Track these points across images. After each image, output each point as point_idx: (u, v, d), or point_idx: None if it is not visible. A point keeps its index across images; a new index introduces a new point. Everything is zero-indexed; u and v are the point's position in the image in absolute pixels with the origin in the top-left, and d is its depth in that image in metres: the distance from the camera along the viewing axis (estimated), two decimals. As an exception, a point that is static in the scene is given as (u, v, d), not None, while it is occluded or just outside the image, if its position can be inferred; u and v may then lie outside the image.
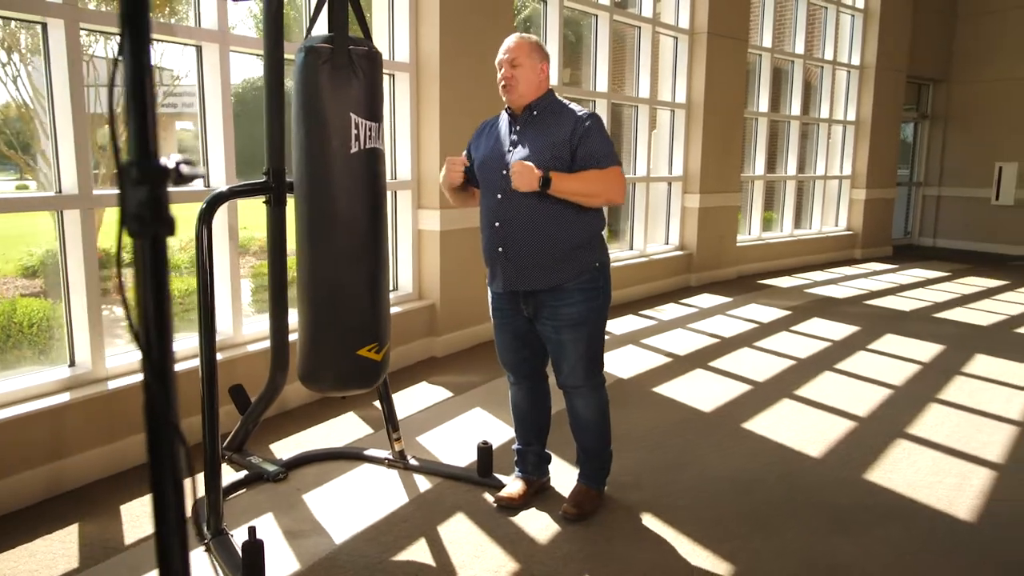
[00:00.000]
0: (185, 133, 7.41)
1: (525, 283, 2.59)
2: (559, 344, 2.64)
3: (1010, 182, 10.81)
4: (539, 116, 2.59)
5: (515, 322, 2.73)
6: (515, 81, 2.53)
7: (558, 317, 2.60)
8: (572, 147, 2.50)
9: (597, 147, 2.51)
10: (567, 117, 2.55)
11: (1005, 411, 4.01)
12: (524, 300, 2.66)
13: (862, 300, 7.24)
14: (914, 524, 2.76)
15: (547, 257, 2.54)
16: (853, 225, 10.27)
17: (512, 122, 2.64)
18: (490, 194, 2.62)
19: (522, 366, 2.82)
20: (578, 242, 2.57)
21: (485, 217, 2.65)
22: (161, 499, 0.83)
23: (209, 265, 2.53)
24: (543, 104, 2.59)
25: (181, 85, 5.43)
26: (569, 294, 2.58)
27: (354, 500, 2.88)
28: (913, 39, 10.28)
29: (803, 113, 9.41)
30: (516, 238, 2.56)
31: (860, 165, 10.10)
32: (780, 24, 9.08)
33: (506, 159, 2.57)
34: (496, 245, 2.60)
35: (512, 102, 2.58)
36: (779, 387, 4.38)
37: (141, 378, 0.80)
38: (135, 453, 3.16)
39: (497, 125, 2.70)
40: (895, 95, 10.27)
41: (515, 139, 2.59)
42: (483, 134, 2.73)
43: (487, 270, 2.74)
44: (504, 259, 2.59)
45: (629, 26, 7.10)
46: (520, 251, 2.56)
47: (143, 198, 0.74)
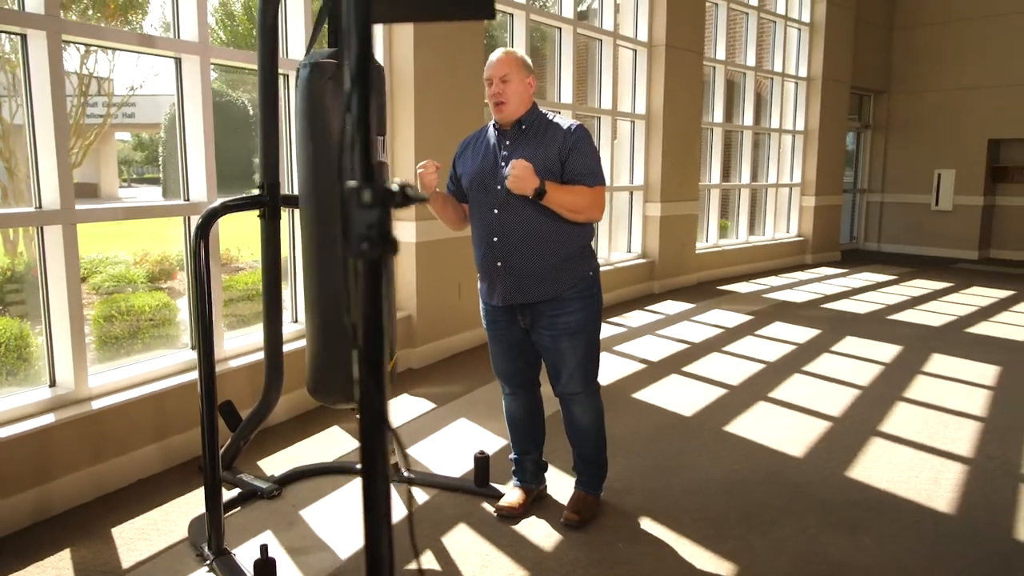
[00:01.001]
0: (122, 144, 7.19)
1: (525, 296, 2.62)
2: (557, 352, 2.67)
3: (948, 188, 11.31)
4: (527, 131, 2.62)
5: (511, 334, 2.75)
6: (507, 97, 2.56)
7: (556, 326, 2.64)
8: (561, 160, 2.56)
9: (585, 164, 2.57)
10: (555, 131, 2.60)
11: (967, 407, 4.20)
12: (521, 312, 2.68)
13: (819, 304, 7.48)
14: (899, 518, 2.88)
15: (545, 268, 2.58)
16: (803, 231, 10.60)
17: (501, 136, 2.66)
18: (485, 209, 2.63)
19: (518, 376, 2.85)
20: (573, 252, 2.62)
21: (481, 232, 2.65)
22: (372, 491, 0.84)
23: (207, 280, 2.49)
24: (531, 118, 2.63)
25: (118, 95, 5.29)
26: (566, 303, 2.62)
27: (353, 514, 2.86)
28: (855, 52, 10.70)
29: (755, 123, 9.69)
30: (514, 252, 2.58)
31: (809, 173, 10.45)
32: (732, 37, 9.35)
33: (499, 175, 2.59)
34: (495, 260, 2.62)
35: (503, 118, 2.60)
36: (753, 390, 4.50)
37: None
38: (122, 474, 3.07)
39: (483, 140, 2.71)
40: (840, 106, 10.66)
41: (506, 154, 2.61)
42: (468, 149, 2.74)
43: (481, 284, 2.75)
44: (504, 273, 2.61)
45: (591, 39, 7.22)
46: (519, 264, 2.59)
47: (372, 220, 0.76)
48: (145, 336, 4.49)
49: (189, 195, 3.55)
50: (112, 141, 16.87)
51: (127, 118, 14.98)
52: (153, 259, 7.75)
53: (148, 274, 7.25)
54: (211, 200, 3.51)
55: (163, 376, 3.37)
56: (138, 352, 4.44)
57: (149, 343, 4.46)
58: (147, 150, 21.79)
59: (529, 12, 6.03)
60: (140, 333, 4.48)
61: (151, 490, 3.06)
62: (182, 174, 3.54)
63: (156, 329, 4.57)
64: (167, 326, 4.64)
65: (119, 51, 3.77)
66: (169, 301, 4.73)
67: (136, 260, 7.76)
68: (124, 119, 14.83)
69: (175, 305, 4.76)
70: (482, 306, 2.81)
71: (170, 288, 7.01)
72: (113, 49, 3.23)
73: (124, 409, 3.09)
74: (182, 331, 4.84)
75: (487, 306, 2.77)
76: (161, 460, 3.25)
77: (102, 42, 3.13)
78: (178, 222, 3.51)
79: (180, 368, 3.46)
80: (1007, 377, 4.83)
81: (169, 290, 6.76)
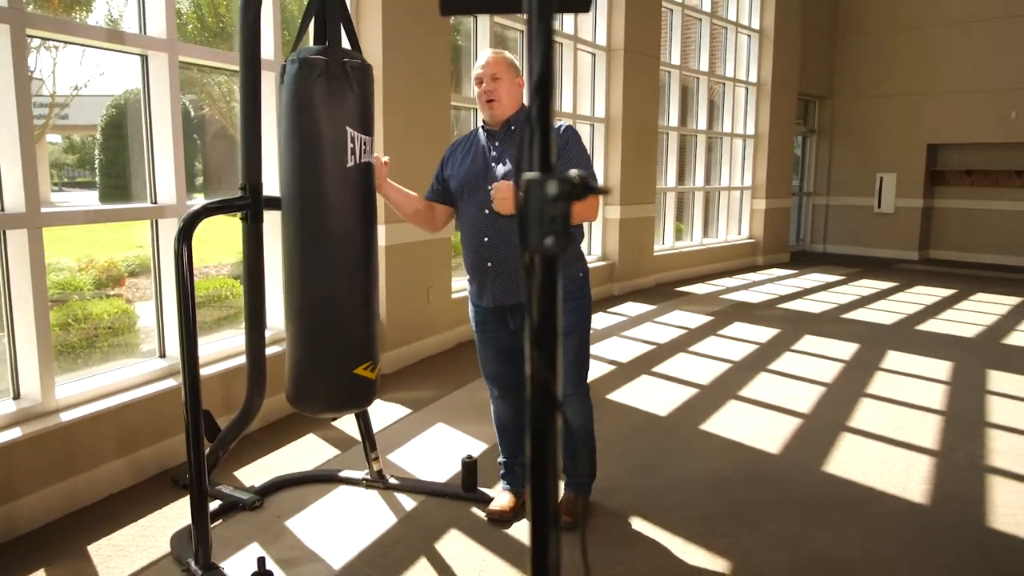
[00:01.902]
0: (51, 146, 6.93)
1: (515, 297, 2.61)
2: None
3: (890, 191, 11.73)
4: (517, 131, 2.62)
5: (500, 336, 2.73)
6: (498, 94, 2.56)
7: None
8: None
9: (575, 163, 2.57)
10: None
11: (927, 402, 4.35)
12: (511, 313, 2.67)
13: (774, 304, 7.66)
14: (878, 512, 2.95)
15: None
16: (755, 233, 10.85)
17: (490, 138, 2.65)
18: (475, 210, 2.61)
19: (508, 379, 2.83)
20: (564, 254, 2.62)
21: (471, 233, 2.64)
22: (541, 489, 0.80)
23: (190, 285, 2.40)
24: (520, 119, 2.63)
25: (61, 95, 5.09)
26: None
27: (340, 524, 2.79)
28: (802, 59, 11.01)
29: (708, 128, 9.88)
30: (505, 252, 2.57)
31: (760, 176, 10.70)
32: (686, 43, 9.52)
33: (490, 175, 2.59)
34: (485, 260, 2.60)
35: (494, 116, 2.60)
36: (723, 389, 4.57)
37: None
38: (92, 489, 2.94)
39: (473, 142, 2.70)
40: (788, 111, 10.95)
41: (495, 155, 2.61)
42: (456, 152, 2.73)
43: (470, 286, 2.73)
44: (493, 274, 2.60)
45: (552, 42, 7.24)
46: (510, 265, 2.57)
47: (556, 214, 0.73)
48: (104, 345, 4.31)
49: (156, 197, 3.42)
50: (44, 143, 16.21)
51: (60, 119, 14.44)
52: (100, 265, 7.47)
53: (95, 281, 6.98)
54: (180, 203, 3.39)
55: (131, 386, 3.24)
56: (97, 362, 4.26)
57: (108, 352, 4.28)
58: (79, 153, 21.00)
59: (493, 15, 6.02)
60: (99, 341, 4.31)
61: (123, 505, 2.94)
62: (148, 176, 3.42)
63: (115, 337, 4.39)
64: (126, 334, 4.47)
65: (64, 48, 3.62)
66: (128, 308, 4.56)
67: (81, 266, 7.46)
68: (57, 120, 14.29)
69: (134, 312, 4.59)
70: (471, 309, 2.78)
71: (117, 295, 6.77)
72: (81, 45, 3.08)
73: (93, 421, 2.96)
74: (142, 339, 4.67)
75: (476, 308, 2.75)
76: (131, 474, 3.12)
77: (69, 37, 2.99)
78: (118, 226, 3.33)
79: (148, 378, 3.33)
80: (960, 372, 5.02)
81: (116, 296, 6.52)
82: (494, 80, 2.56)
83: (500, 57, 2.60)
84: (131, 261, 7.23)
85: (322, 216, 2.38)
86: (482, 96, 2.58)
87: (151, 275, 3.49)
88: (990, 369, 5.08)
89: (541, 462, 0.80)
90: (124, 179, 6.62)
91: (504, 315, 2.68)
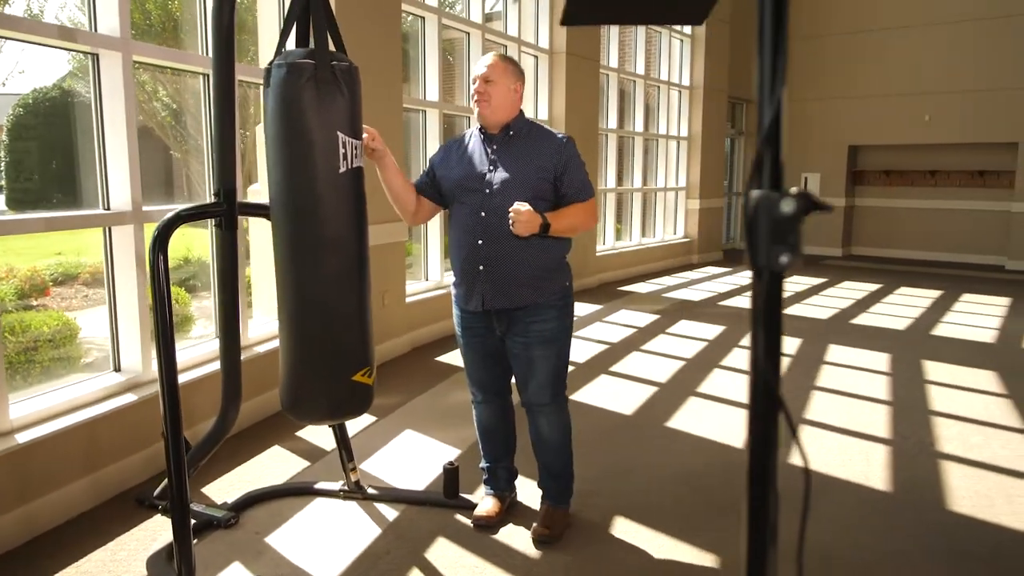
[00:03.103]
0: None
1: (505, 301, 2.59)
2: (528, 361, 2.65)
3: (814, 191, 12.20)
4: (516, 137, 2.61)
5: (487, 340, 2.71)
6: (488, 96, 2.56)
7: (530, 334, 2.62)
8: (557, 172, 2.57)
9: (579, 178, 2.60)
10: (548, 140, 2.62)
11: (872, 393, 4.56)
12: (497, 318, 2.65)
13: (715, 302, 7.88)
14: (845, 500, 3.08)
15: (528, 275, 2.57)
16: (690, 232, 11.13)
17: (487, 141, 2.64)
18: (469, 213, 2.58)
19: (493, 384, 2.81)
20: (554, 262, 2.63)
21: (464, 235, 2.60)
22: (761, 501, 0.78)
23: (167, 295, 2.30)
24: (519, 125, 2.63)
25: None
26: (544, 311, 2.61)
27: (323, 537, 2.72)
28: (731, 62, 11.36)
29: (645, 130, 10.08)
30: (499, 256, 2.55)
31: (694, 177, 10.98)
32: (623, 46, 9.68)
33: (487, 178, 2.57)
34: (477, 263, 2.57)
35: (485, 117, 2.59)
36: (681, 386, 4.67)
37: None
38: (53, 513, 2.78)
39: (467, 144, 2.69)
40: (719, 113, 11.28)
41: (494, 159, 2.60)
42: (451, 152, 2.71)
43: (456, 290, 2.70)
44: (484, 277, 2.57)
45: (497, 44, 7.26)
46: (502, 269, 2.55)
47: (791, 231, 0.72)
48: (44, 359, 4.08)
49: (109, 203, 3.26)
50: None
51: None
52: (21, 274, 7.06)
53: (17, 291, 6.59)
54: (137, 209, 3.24)
55: (88, 403, 3.08)
56: (36, 378, 4.02)
57: (50, 367, 4.05)
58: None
59: (441, 16, 5.99)
60: (38, 355, 4.07)
61: (87, 528, 2.78)
62: (101, 181, 3.25)
63: (56, 351, 4.16)
64: (67, 346, 4.24)
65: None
66: (69, 320, 4.33)
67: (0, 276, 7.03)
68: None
69: (75, 324, 4.36)
70: (456, 313, 2.75)
71: (42, 305, 6.41)
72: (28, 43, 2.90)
73: (51, 441, 2.79)
74: (83, 352, 4.44)
75: (463, 312, 2.71)
76: (92, 495, 2.96)
77: (16, 34, 2.81)
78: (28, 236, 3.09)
79: (105, 393, 3.17)
80: (897, 363, 5.28)
81: (41, 307, 6.18)
82: (487, 82, 2.55)
83: (497, 61, 2.59)
84: (53, 269, 6.85)
85: (316, 222, 2.31)
86: (473, 96, 2.58)
87: (104, 285, 3.32)
88: (924, 360, 5.36)
89: (762, 480, 0.79)
90: (40, 183, 6.25)
91: (491, 319, 2.66)
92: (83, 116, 3.70)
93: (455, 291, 2.72)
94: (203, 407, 3.45)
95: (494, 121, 2.60)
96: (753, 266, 0.77)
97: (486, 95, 2.55)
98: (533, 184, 2.53)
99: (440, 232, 6.19)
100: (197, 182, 5.26)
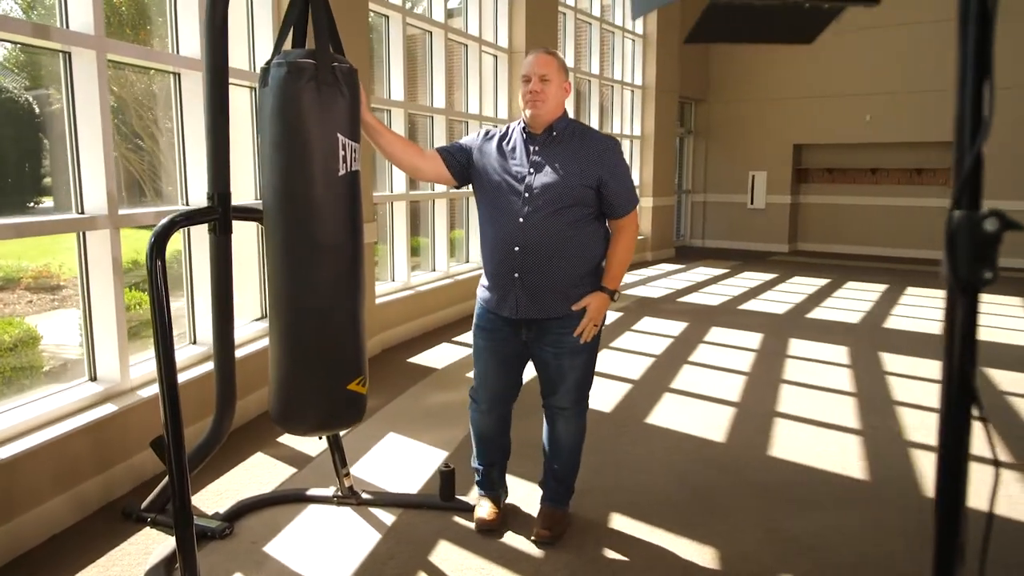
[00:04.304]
0: None
1: (540, 311, 2.52)
2: (558, 369, 2.60)
3: (761, 189, 12.56)
4: (559, 137, 2.52)
5: (510, 347, 2.64)
6: (545, 95, 2.46)
7: (562, 343, 2.56)
8: (600, 177, 2.48)
9: (624, 187, 2.54)
10: (592, 141, 2.53)
11: (836, 385, 4.72)
12: (527, 325, 2.58)
13: (674, 298, 8.03)
14: (829, 490, 3.19)
15: (564, 284, 2.50)
16: (643, 230, 11.29)
17: (528, 141, 2.55)
18: (506, 218, 2.50)
19: (503, 393, 2.76)
20: (590, 269, 2.56)
21: (500, 240, 2.52)
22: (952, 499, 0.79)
23: (166, 303, 2.24)
24: (562, 125, 2.54)
25: None
26: (577, 321, 2.54)
27: (323, 544, 2.69)
28: (681, 63, 11.57)
29: (600, 128, 10.18)
30: (536, 265, 2.47)
31: (647, 176, 11.16)
32: (579, 46, 9.77)
33: (527, 182, 2.49)
34: (512, 271, 2.50)
35: (538, 117, 2.50)
36: (655, 383, 4.75)
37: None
38: (35, 531, 2.67)
39: (509, 140, 2.59)
40: (670, 113, 11.49)
41: (536, 160, 2.51)
42: (493, 142, 2.61)
43: (488, 294, 2.61)
44: (520, 285, 2.50)
45: (458, 43, 7.24)
46: (538, 278, 2.49)
47: (992, 248, 0.73)
48: (4, 369, 3.89)
49: (83, 207, 3.14)
50: None
51: None
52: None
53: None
54: (113, 212, 3.13)
55: (66, 415, 2.96)
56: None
57: (11, 377, 3.87)
58: None
59: (405, 15, 5.95)
60: (-2, 366, 3.88)
61: (75, 545, 2.68)
62: (74, 184, 3.13)
63: (16, 359, 3.98)
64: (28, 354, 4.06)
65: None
66: (30, 328, 4.14)
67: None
68: None
69: (36, 331, 4.18)
70: (482, 315, 2.66)
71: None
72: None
73: (30, 457, 2.68)
74: (46, 361, 4.27)
75: (491, 316, 2.63)
76: (74, 510, 2.85)
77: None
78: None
79: (83, 404, 3.06)
80: (856, 355, 5.48)
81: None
82: (543, 81, 2.46)
83: (552, 59, 2.50)
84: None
85: (312, 227, 2.27)
86: (527, 96, 2.47)
87: (79, 291, 3.20)
88: (880, 352, 5.57)
89: (953, 487, 0.80)
90: (80, 186, 5.99)
91: (519, 326, 2.60)
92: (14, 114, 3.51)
93: (485, 294, 2.63)
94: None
95: (544, 121, 2.52)
96: (956, 282, 0.80)
97: (543, 95, 2.45)
98: (575, 192, 2.45)
99: (405, 233, 6.15)
100: (142, 180, 5.10)
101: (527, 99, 2.49)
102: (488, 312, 2.65)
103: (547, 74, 2.47)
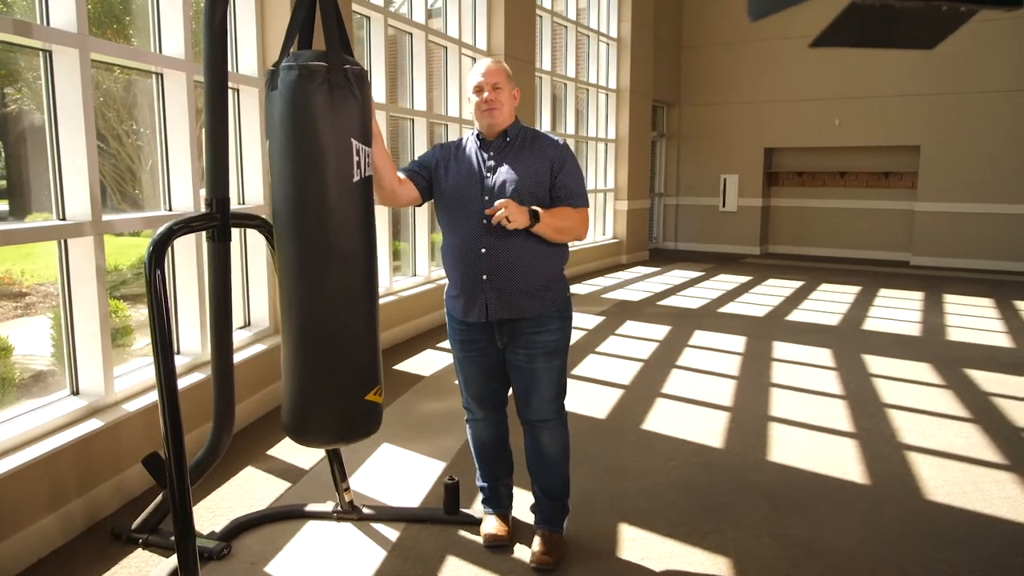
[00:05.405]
0: None
1: (510, 311, 2.51)
2: (531, 374, 2.57)
3: (733, 192, 12.68)
4: (512, 142, 2.56)
5: (487, 354, 2.62)
6: (500, 103, 2.50)
7: (534, 345, 2.55)
8: (552, 175, 2.53)
9: (573, 184, 2.55)
10: (544, 143, 2.57)
11: (825, 388, 4.75)
12: (499, 329, 2.57)
13: (654, 301, 8.04)
14: (830, 494, 3.19)
15: (533, 285, 2.51)
16: (618, 233, 11.33)
17: (483, 147, 2.57)
18: (469, 221, 2.50)
19: (492, 398, 2.72)
20: (557, 272, 2.58)
21: (464, 245, 2.51)
22: None
23: (166, 312, 2.13)
24: (515, 131, 2.58)
25: None
26: (548, 321, 2.55)
27: (326, 563, 2.59)
28: (654, 67, 11.63)
29: (576, 132, 10.19)
30: (504, 265, 2.48)
31: (621, 179, 11.18)
32: (555, 49, 9.75)
33: (485, 184, 2.50)
34: (480, 273, 2.49)
35: (494, 126, 2.53)
36: (646, 388, 4.73)
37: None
38: (23, 555, 2.54)
39: (464, 151, 2.61)
40: (644, 116, 11.53)
41: (491, 165, 2.53)
42: (449, 155, 2.61)
43: (454, 302, 2.59)
44: (488, 287, 2.49)
45: (438, 44, 7.16)
46: (507, 279, 2.49)
47: None
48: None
49: (65, 213, 3.00)
50: None
51: None
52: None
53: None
54: (97, 219, 3.00)
55: (48, 432, 2.82)
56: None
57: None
58: None
59: (387, 16, 5.85)
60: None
61: (62, 569, 2.55)
62: (54, 189, 2.99)
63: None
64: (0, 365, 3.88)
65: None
66: (1, 338, 3.96)
67: None
68: None
69: (7, 343, 4.00)
70: (454, 326, 2.65)
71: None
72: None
73: (13, 478, 2.54)
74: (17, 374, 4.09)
75: (461, 325, 2.61)
76: (62, 531, 2.71)
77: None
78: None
79: (66, 420, 2.92)
80: (840, 357, 5.53)
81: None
82: (495, 89, 2.49)
83: (500, 67, 2.54)
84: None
85: (327, 235, 2.19)
86: (482, 105, 2.49)
87: (60, 300, 3.06)
88: (863, 354, 5.63)
89: None
90: (61, 191, 5.73)
91: (493, 331, 2.59)
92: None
93: (452, 303, 2.61)
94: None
95: (499, 128, 2.55)
96: None
97: (497, 102, 2.49)
98: (532, 190, 2.48)
99: (387, 238, 6.05)
100: (108, 185, 4.91)
101: (483, 108, 2.52)
102: (460, 324, 2.61)
103: (498, 82, 2.52)
